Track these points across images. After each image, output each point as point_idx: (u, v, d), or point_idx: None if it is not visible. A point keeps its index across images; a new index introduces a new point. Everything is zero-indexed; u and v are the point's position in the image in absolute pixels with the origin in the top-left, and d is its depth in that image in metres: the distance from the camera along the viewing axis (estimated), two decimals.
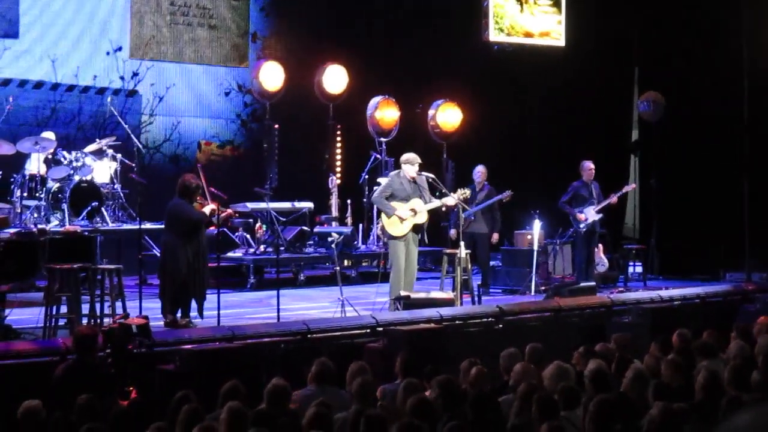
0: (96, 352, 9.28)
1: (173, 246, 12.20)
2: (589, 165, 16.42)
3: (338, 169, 19.15)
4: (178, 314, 12.19)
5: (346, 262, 17.61)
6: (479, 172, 16.29)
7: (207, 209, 12.35)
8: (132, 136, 17.80)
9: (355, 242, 17.80)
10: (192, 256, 12.15)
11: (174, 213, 12.29)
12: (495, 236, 16.27)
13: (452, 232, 14.23)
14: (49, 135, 16.63)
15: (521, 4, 20.72)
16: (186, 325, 11.99)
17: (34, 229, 12.80)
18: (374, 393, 8.30)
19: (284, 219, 17.33)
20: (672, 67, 20.29)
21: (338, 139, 19.32)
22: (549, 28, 21.03)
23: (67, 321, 11.57)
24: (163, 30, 19.22)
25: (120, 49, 18.71)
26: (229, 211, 12.73)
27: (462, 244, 13.94)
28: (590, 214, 16.27)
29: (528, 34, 20.91)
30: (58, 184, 16.23)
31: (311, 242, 17.50)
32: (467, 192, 14.28)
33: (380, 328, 12.05)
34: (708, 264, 18.00)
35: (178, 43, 19.37)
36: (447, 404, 7.61)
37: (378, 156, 18.70)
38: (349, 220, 18.50)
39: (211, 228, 12.72)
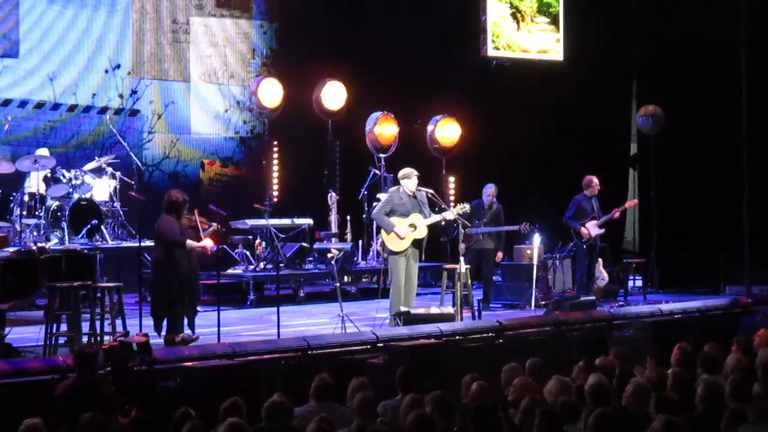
0: (96, 369, 9.28)
1: (163, 262, 12.19)
2: (595, 180, 16.40)
3: (337, 185, 19.15)
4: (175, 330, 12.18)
5: (346, 278, 17.60)
6: (488, 193, 16.32)
7: (192, 242, 12.30)
8: (131, 153, 17.83)
9: (355, 258, 17.80)
10: (182, 271, 12.13)
11: (158, 230, 12.30)
12: (499, 255, 16.34)
13: (461, 246, 14.29)
14: (43, 152, 16.66)
15: (518, 23, 20.65)
16: (183, 341, 11.97)
17: (34, 248, 12.81)
18: (375, 409, 8.29)
19: (284, 235, 17.33)
20: (671, 80, 20.31)
21: (337, 155, 19.31)
22: (547, 47, 20.93)
23: (68, 339, 11.59)
24: (165, 48, 19.25)
25: (119, 66, 18.73)
26: (214, 226, 12.68)
27: (462, 259, 13.96)
28: (592, 229, 16.27)
29: (525, 52, 20.89)
30: (57, 203, 16.24)
31: (311, 258, 17.50)
32: (466, 207, 14.30)
33: (381, 344, 12.05)
34: (708, 277, 17.98)
35: (180, 61, 19.39)
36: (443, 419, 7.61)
37: (377, 172, 18.69)
38: (348, 236, 18.47)
39: (212, 245, 12.68)
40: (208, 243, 12.46)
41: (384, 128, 19.35)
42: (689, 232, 19.47)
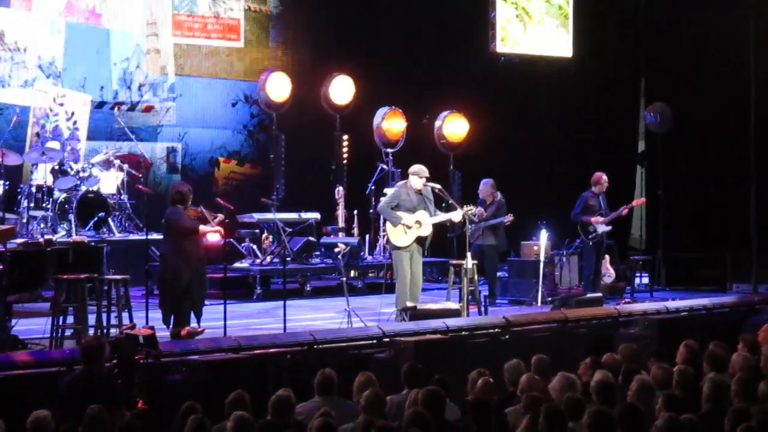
0: (103, 362, 9.28)
1: (172, 256, 12.18)
2: (604, 177, 16.36)
3: (345, 180, 19.14)
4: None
5: (352, 273, 17.59)
6: (480, 189, 16.25)
7: (206, 227, 12.30)
8: (139, 146, 17.86)
9: (362, 253, 17.80)
10: (192, 264, 12.12)
11: (168, 222, 12.29)
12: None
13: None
14: (53, 144, 16.70)
15: (524, 25, 20.59)
16: (189, 334, 11.96)
17: (41, 240, 12.82)
18: (381, 404, 8.29)
19: (291, 230, 17.33)
20: (679, 77, 20.29)
21: (345, 149, 19.30)
22: (555, 49, 20.88)
23: (74, 331, 11.60)
24: (180, 43, 19.22)
25: (128, 60, 18.74)
26: (220, 216, 12.67)
27: (468, 254, 13.95)
28: (600, 226, 16.26)
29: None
30: (65, 195, 16.27)
31: (318, 253, 17.50)
32: (473, 209, 14.28)
33: (387, 339, 12.04)
34: (715, 275, 17.96)
35: (195, 56, 19.37)
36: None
37: (384, 167, 18.70)
38: (355, 231, 18.48)
39: (219, 239, 12.69)
40: (215, 236, 12.46)
41: (392, 123, 19.36)
42: (696, 230, 19.46)
